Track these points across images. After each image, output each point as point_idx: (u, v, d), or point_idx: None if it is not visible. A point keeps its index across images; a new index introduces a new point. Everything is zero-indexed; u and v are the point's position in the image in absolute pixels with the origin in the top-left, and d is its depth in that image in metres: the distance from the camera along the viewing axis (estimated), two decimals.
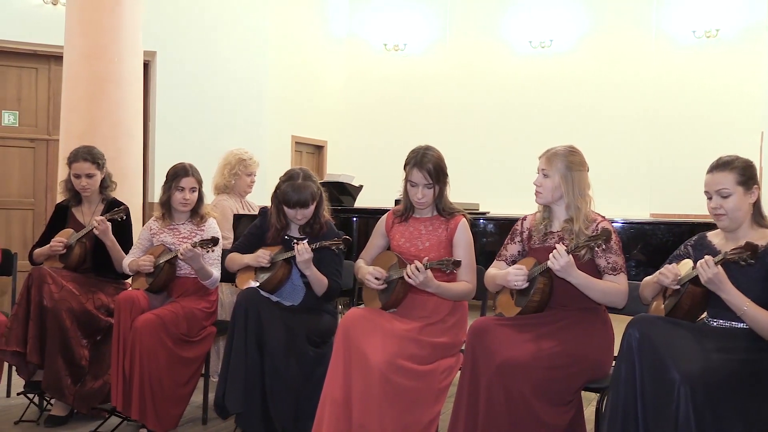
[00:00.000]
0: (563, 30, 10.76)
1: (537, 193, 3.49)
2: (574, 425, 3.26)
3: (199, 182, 4.47)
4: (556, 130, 10.00)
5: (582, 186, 3.40)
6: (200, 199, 4.49)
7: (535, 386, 3.10)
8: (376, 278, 3.69)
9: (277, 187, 4.04)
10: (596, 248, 3.25)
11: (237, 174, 5.55)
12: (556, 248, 3.18)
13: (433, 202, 3.78)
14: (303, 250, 3.78)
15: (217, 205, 5.43)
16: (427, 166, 3.70)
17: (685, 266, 3.08)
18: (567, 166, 3.39)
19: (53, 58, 8.26)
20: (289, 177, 4.01)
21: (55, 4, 8.29)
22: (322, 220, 4.06)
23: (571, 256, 3.18)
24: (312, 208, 4.01)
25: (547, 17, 10.78)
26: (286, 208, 4.00)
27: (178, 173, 4.43)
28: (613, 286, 3.30)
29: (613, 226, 3.39)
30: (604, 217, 3.44)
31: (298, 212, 3.98)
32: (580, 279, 3.23)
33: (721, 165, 3.08)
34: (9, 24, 8.16)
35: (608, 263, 3.33)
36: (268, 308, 3.80)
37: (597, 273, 3.35)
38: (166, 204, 4.47)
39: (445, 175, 3.76)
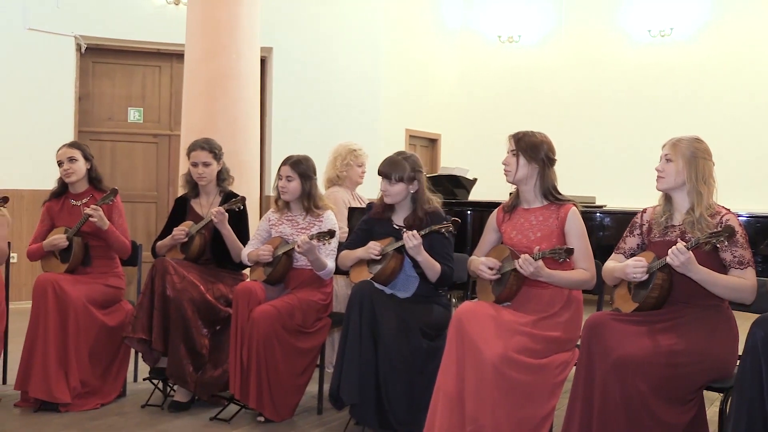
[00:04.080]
0: (684, 17, 10.36)
1: (659, 178, 3.37)
2: (695, 426, 3.15)
3: (300, 173, 4.47)
4: (676, 121, 9.65)
5: (706, 173, 3.28)
6: (311, 191, 4.51)
7: (653, 384, 3.01)
8: (489, 267, 3.66)
9: None
10: (718, 245, 3.12)
11: (349, 164, 5.60)
12: (676, 245, 3.06)
13: (516, 172, 3.70)
14: (411, 237, 3.80)
15: (329, 196, 5.49)
16: (517, 135, 3.72)
17: None
18: (692, 152, 3.29)
19: (175, 56, 8.54)
20: (396, 153, 4.18)
21: (177, 4, 8.56)
22: (423, 208, 4.08)
23: (691, 252, 3.06)
24: (398, 187, 4.05)
25: (667, 4, 10.40)
26: (380, 179, 4.11)
27: (281, 163, 4.55)
28: (739, 281, 3.15)
29: (738, 220, 3.25)
30: (729, 210, 3.30)
31: (383, 184, 4.06)
32: (702, 275, 3.10)
33: None
34: (135, 25, 8.50)
35: (734, 257, 3.18)
36: (382, 300, 3.82)
37: (722, 267, 3.21)
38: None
39: (544, 156, 3.67)
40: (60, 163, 4.70)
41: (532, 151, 3.67)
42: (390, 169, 4.05)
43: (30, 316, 4.40)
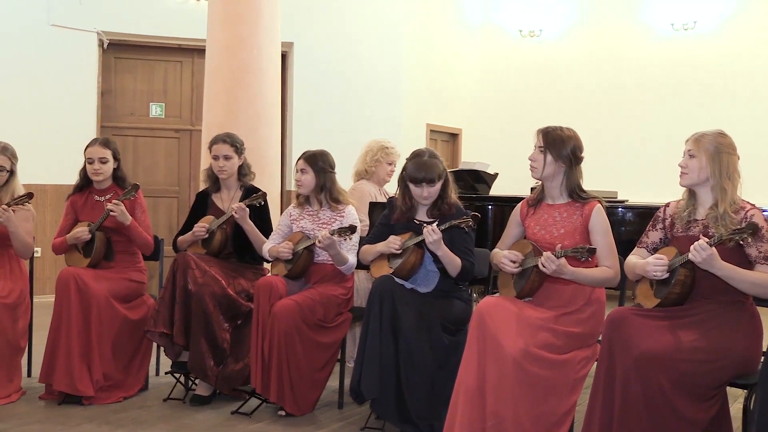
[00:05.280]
0: (708, 10, 10.24)
1: (682, 174, 3.33)
2: (718, 422, 3.12)
3: (314, 167, 4.50)
4: (700, 116, 9.56)
5: (730, 169, 3.24)
6: (326, 184, 4.52)
7: (675, 380, 2.99)
8: (512, 261, 3.64)
9: (404, 168, 4.07)
10: (742, 241, 3.08)
11: (378, 161, 5.63)
12: (698, 242, 3.03)
13: (543, 169, 3.66)
14: (431, 231, 3.77)
15: (356, 188, 5.53)
16: (546, 130, 3.68)
17: None
18: (716, 147, 3.25)
19: (196, 51, 8.56)
20: (415, 155, 4.05)
21: (198, 0, 8.59)
22: (449, 200, 4.05)
23: (714, 248, 3.03)
24: (438, 186, 3.99)
25: None
26: (412, 187, 4.01)
27: (298, 157, 4.60)
28: (765, 277, 3.11)
29: (763, 215, 3.21)
30: (753, 205, 3.26)
31: (425, 189, 3.97)
32: (726, 271, 3.07)
33: None
34: (157, 20, 8.54)
35: (759, 252, 3.15)
36: (403, 295, 3.82)
37: (747, 262, 3.18)
38: None
39: (571, 154, 3.63)
40: (90, 161, 4.71)
41: (560, 148, 3.62)
42: (430, 173, 3.94)
43: (53, 309, 4.43)
